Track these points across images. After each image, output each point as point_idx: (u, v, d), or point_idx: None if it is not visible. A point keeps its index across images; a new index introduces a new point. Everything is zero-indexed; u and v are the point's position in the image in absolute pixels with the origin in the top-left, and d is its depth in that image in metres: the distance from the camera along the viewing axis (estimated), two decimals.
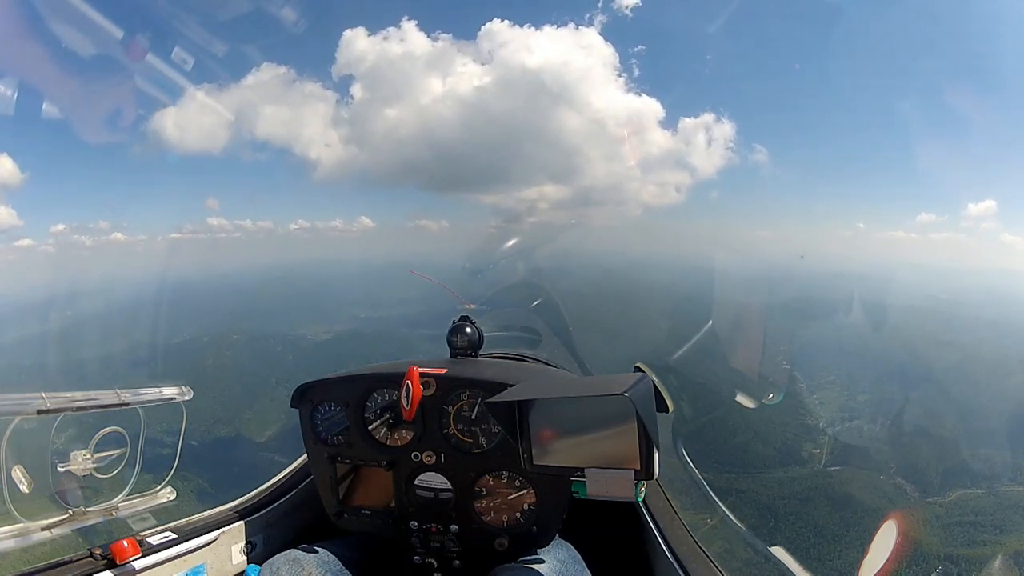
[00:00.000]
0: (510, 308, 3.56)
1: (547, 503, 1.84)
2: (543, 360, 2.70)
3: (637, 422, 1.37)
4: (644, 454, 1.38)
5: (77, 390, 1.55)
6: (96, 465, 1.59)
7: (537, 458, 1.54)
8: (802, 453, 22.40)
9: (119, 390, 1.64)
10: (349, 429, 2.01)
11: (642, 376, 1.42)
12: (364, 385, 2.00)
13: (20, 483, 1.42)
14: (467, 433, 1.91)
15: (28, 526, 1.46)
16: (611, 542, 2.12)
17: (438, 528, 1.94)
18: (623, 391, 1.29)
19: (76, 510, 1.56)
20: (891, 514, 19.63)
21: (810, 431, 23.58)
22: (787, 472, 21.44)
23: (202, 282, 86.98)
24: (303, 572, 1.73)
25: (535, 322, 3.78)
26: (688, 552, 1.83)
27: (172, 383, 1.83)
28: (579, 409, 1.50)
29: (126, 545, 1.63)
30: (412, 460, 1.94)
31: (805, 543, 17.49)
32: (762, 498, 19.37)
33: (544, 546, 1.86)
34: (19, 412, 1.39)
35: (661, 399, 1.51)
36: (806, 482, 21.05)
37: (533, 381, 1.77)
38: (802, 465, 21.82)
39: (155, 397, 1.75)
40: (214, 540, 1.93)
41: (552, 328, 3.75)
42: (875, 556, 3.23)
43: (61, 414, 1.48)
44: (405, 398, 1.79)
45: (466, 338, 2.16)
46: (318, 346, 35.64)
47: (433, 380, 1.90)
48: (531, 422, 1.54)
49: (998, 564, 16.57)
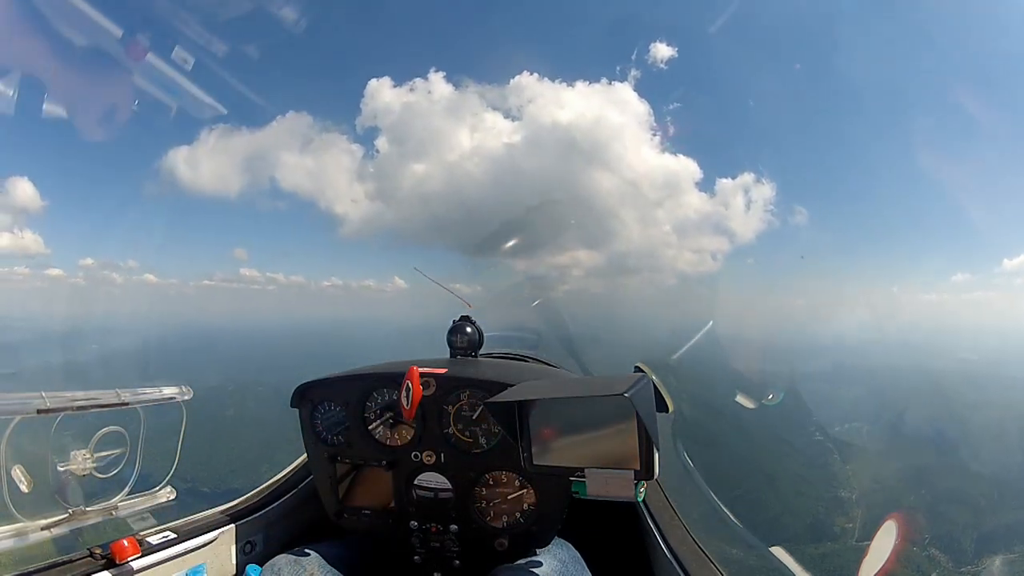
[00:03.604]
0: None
1: (547, 503, 1.84)
2: (543, 360, 2.70)
3: (637, 422, 1.37)
4: (644, 454, 1.38)
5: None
6: (96, 465, 1.59)
7: (537, 458, 1.54)
8: (834, 528, 21.60)
9: (119, 390, 1.64)
10: (349, 429, 2.01)
11: (642, 376, 1.42)
12: (364, 385, 2.00)
13: (20, 483, 1.42)
14: (467, 433, 1.91)
15: (28, 525, 1.46)
16: (611, 542, 2.12)
17: (438, 528, 1.94)
18: (623, 391, 1.29)
19: (76, 510, 1.56)
20: (890, 515, 19.52)
21: (843, 504, 22.85)
22: (818, 548, 20.41)
23: (232, 331, 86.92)
24: (304, 572, 1.73)
25: (535, 322, 3.78)
26: (688, 552, 1.83)
27: (174, 384, 1.84)
28: (579, 409, 1.50)
29: (126, 545, 1.63)
30: (412, 460, 1.94)
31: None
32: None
33: (544, 546, 1.86)
34: (19, 412, 1.39)
35: (661, 399, 1.51)
36: (838, 559, 20.00)
37: (533, 381, 1.77)
38: (834, 540, 20.84)
39: (155, 397, 1.75)
40: (214, 540, 1.93)
41: (552, 328, 3.74)
42: (874, 557, 3.22)
43: (61, 414, 1.48)
44: (405, 398, 1.79)
45: (466, 338, 2.16)
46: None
47: (433, 380, 1.90)
48: (531, 422, 1.54)
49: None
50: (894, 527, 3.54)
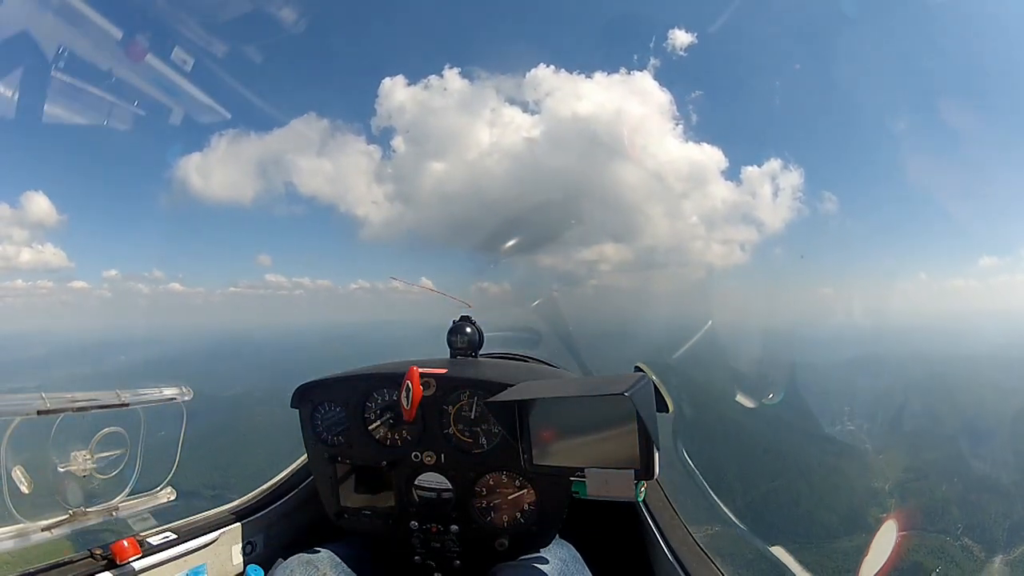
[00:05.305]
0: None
1: (547, 503, 1.84)
2: (543, 360, 2.70)
3: (637, 422, 1.36)
4: (644, 454, 1.38)
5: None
6: (96, 465, 1.59)
7: (537, 458, 1.54)
8: (869, 519, 21.15)
9: (119, 390, 1.64)
10: (349, 429, 2.01)
11: (642, 376, 1.42)
12: (364, 385, 2.00)
13: (20, 483, 1.42)
14: (467, 433, 1.91)
15: (28, 526, 1.46)
16: (611, 542, 2.12)
17: (438, 528, 1.94)
18: (623, 391, 1.29)
19: (76, 510, 1.56)
20: (889, 515, 19.44)
21: (877, 495, 22.63)
22: (852, 541, 19.91)
23: (261, 337, 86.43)
24: (317, 573, 1.73)
25: (535, 322, 3.78)
26: (688, 552, 1.83)
27: (174, 384, 1.83)
28: (579, 409, 1.50)
29: (126, 545, 1.63)
30: (412, 460, 1.94)
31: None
32: (828, 572, 18.15)
33: (544, 546, 1.86)
34: (19, 412, 1.39)
35: (661, 399, 1.51)
36: (867, 547, 19.90)
37: (533, 381, 1.77)
38: (869, 532, 20.31)
39: (155, 397, 1.74)
40: (214, 540, 1.93)
41: (552, 328, 3.74)
42: (874, 557, 3.22)
43: (61, 414, 1.47)
44: (405, 398, 1.79)
45: (466, 338, 2.16)
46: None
47: (433, 380, 1.90)
48: (531, 422, 1.54)
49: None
50: (894, 526, 3.54)
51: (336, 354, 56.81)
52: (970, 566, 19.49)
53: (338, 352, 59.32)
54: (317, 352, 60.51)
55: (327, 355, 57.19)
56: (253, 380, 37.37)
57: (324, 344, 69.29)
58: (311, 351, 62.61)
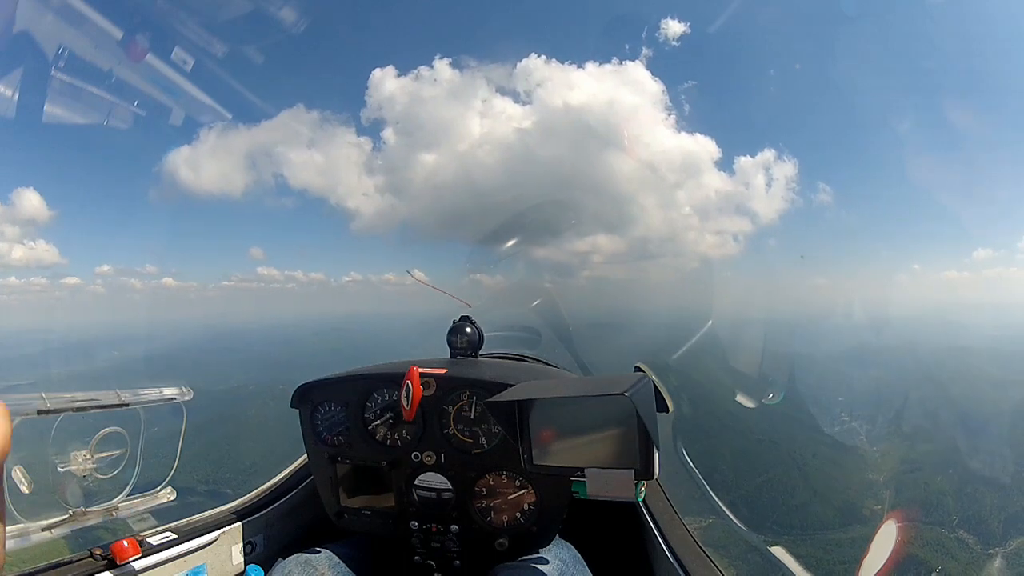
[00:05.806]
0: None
1: (547, 503, 1.84)
2: (543, 360, 2.70)
3: (637, 422, 1.37)
4: (644, 454, 1.38)
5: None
6: (96, 465, 1.59)
7: (537, 458, 1.54)
8: (863, 511, 21.27)
9: (119, 390, 1.64)
10: (349, 429, 2.01)
11: (642, 376, 1.42)
12: (364, 385, 2.00)
13: (20, 483, 1.42)
14: (467, 433, 1.91)
15: (28, 526, 1.46)
16: (611, 542, 2.12)
17: (438, 528, 1.94)
18: (623, 391, 1.29)
19: (76, 510, 1.56)
20: (889, 515, 19.42)
21: (872, 487, 22.61)
22: (847, 533, 20.08)
23: (254, 331, 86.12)
24: (316, 573, 1.73)
25: (535, 322, 3.78)
26: (688, 552, 1.83)
27: (174, 384, 1.83)
28: (579, 409, 1.50)
29: (126, 545, 1.63)
30: (412, 460, 1.94)
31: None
32: (824, 564, 18.11)
33: (544, 546, 1.86)
34: (19, 412, 1.38)
35: (661, 399, 1.51)
36: (868, 543, 19.64)
37: (533, 381, 1.77)
38: (863, 524, 20.37)
39: (155, 397, 1.74)
40: (214, 540, 1.93)
41: (552, 328, 3.74)
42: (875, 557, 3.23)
43: (61, 414, 1.47)
44: (405, 398, 1.79)
45: (466, 338, 2.16)
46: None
47: (433, 380, 1.90)
48: (531, 422, 1.54)
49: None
50: (893, 525, 3.55)
51: (330, 347, 56.69)
52: (965, 558, 19.53)
53: (332, 345, 59.02)
54: (310, 346, 60.30)
55: (320, 349, 57.08)
56: (246, 374, 37.33)
57: (317, 337, 68.95)
58: (304, 345, 62.36)
